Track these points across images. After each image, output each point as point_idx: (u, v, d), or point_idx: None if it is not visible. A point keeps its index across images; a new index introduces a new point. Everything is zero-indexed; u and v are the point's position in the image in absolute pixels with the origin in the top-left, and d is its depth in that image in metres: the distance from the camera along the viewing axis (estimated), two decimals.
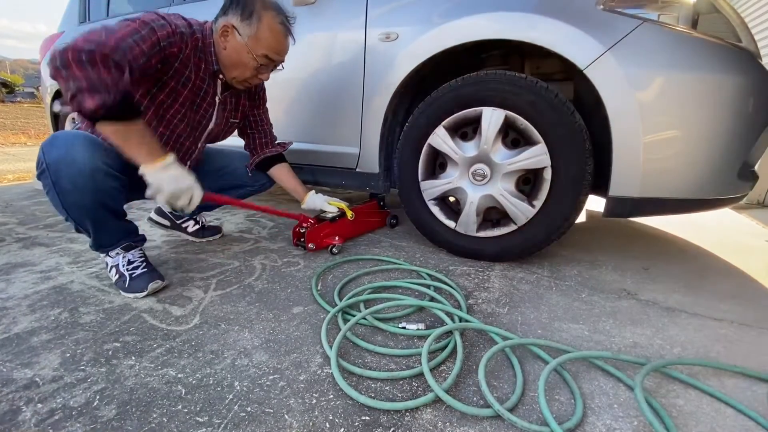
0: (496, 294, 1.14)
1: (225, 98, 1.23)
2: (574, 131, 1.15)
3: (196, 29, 1.06)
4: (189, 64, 1.05)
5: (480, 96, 1.24)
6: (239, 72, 1.12)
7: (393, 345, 0.88)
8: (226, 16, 1.07)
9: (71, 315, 0.97)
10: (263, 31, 1.06)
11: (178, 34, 0.99)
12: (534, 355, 0.85)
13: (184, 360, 0.80)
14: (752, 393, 0.75)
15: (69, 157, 0.93)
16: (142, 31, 0.91)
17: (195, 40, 1.05)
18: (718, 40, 1.07)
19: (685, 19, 1.07)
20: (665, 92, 1.05)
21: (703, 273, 1.39)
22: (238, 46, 1.07)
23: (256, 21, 1.05)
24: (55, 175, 0.94)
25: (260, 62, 1.10)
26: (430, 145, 1.37)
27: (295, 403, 0.69)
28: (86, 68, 0.79)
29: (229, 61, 1.10)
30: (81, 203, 0.98)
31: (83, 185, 0.95)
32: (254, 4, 1.05)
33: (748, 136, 1.11)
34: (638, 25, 1.05)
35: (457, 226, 1.39)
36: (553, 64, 1.48)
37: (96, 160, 0.95)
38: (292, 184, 1.49)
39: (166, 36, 0.96)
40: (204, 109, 1.17)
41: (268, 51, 1.09)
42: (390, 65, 1.40)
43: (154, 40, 0.93)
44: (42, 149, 0.95)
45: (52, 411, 0.66)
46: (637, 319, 1.02)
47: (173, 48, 0.99)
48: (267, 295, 1.10)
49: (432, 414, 0.68)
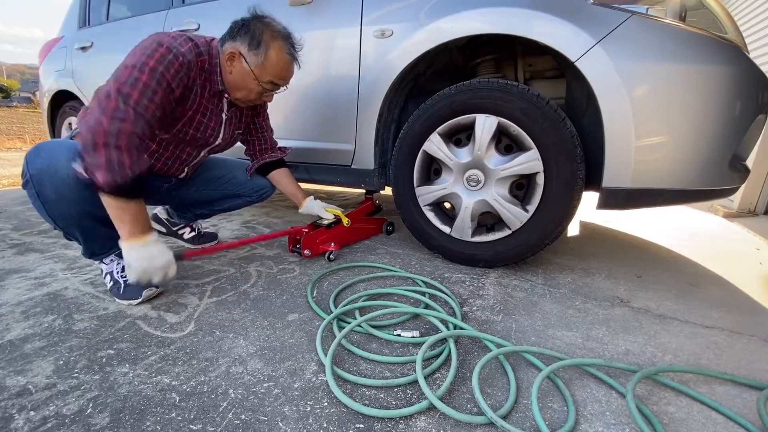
0: (490, 301, 1.15)
1: (231, 114, 1.24)
2: (565, 137, 1.17)
3: (203, 50, 1.05)
4: (195, 87, 1.06)
5: (473, 103, 1.27)
6: (243, 94, 1.14)
7: (388, 352, 0.88)
8: (234, 42, 1.07)
9: (65, 322, 0.96)
10: (270, 61, 1.08)
11: (185, 65, 0.99)
12: (528, 363, 0.86)
13: (179, 367, 0.80)
14: (742, 400, 0.76)
15: (52, 167, 0.92)
16: (152, 83, 0.92)
17: (201, 63, 1.05)
18: (706, 32, 1.10)
19: (673, 13, 1.11)
20: (655, 83, 1.08)
21: (694, 281, 1.41)
22: (244, 72, 1.08)
23: (263, 51, 1.06)
24: (39, 185, 0.93)
25: (266, 88, 1.13)
26: (425, 151, 1.39)
27: (290, 410, 0.69)
28: (111, 152, 0.85)
29: (234, 85, 1.11)
30: (66, 213, 0.97)
31: (67, 195, 0.94)
32: (263, 34, 1.06)
33: (737, 126, 1.13)
34: (627, 17, 1.08)
35: (452, 231, 1.40)
36: (546, 61, 1.52)
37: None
38: (291, 189, 1.49)
39: (174, 75, 0.96)
40: (212, 128, 1.18)
41: (274, 78, 1.11)
42: (385, 61, 1.42)
43: (165, 88, 0.95)
44: (26, 159, 0.94)
45: (45, 419, 0.65)
46: (630, 327, 1.03)
47: (183, 80, 1.00)
48: (262, 302, 1.10)
49: (426, 421, 0.68)
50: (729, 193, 1.25)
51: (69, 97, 2.65)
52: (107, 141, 0.85)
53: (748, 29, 3.25)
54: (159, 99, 0.94)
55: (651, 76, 1.08)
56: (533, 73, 1.58)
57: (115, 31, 2.31)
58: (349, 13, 1.49)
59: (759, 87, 1.14)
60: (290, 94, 1.67)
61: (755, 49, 3.10)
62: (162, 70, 0.93)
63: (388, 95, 1.45)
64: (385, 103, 1.47)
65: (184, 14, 1.94)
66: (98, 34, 2.42)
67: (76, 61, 2.48)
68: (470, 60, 1.58)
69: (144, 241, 0.94)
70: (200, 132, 1.15)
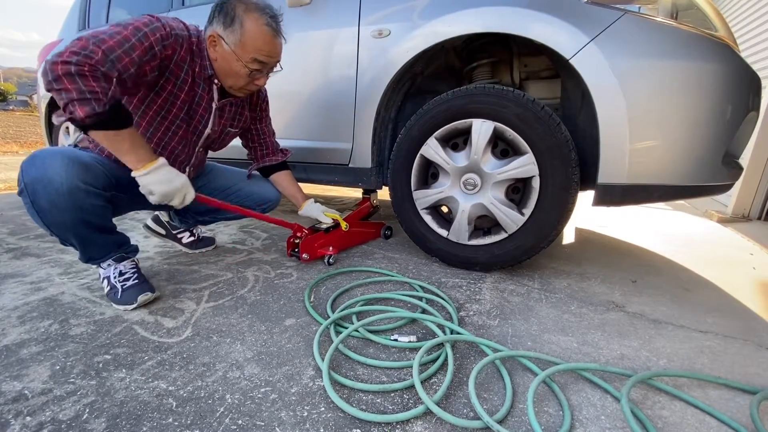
0: (487, 306, 1.15)
1: (223, 105, 1.22)
2: (560, 141, 1.19)
3: (193, 33, 1.06)
4: (184, 66, 1.04)
5: (470, 108, 1.28)
6: (234, 80, 1.11)
7: (385, 357, 0.88)
8: (212, 26, 1.05)
9: (61, 327, 0.96)
10: (248, 36, 1.03)
11: (173, 35, 0.98)
12: (524, 367, 0.86)
13: (176, 372, 0.80)
14: (735, 404, 0.77)
15: (46, 177, 0.92)
16: (132, 38, 0.90)
17: (191, 43, 1.05)
18: (697, 30, 1.12)
19: (665, 12, 1.13)
20: (649, 80, 1.10)
21: (689, 286, 1.42)
22: (227, 55, 1.05)
23: (239, 27, 1.02)
24: (33, 194, 0.93)
25: (252, 68, 1.07)
26: (422, 155, 1.40)
27: (287, 415, 0.69)
28: (75, 80, 0.81)
29: (221, 71, 1.10)
30: (61, 222, 0.97)
31: (62, 205, 0.94)
32: (235, 9, 1.02)
33: (728, 123, 1.15)
34: (620, 16, 1.10)
35: (449, 234, 1.41)
36: (541, 62, 1.54)
37: (73, 178, 0.93)
38: (292, 191, 1.50)
39: (159, 39, 0.95)
40: (200, 114, 1.16)
41: (257, 54, 1.05)
42: (382, 61, 1.44)
43: (146, 46, 0.92)
44: (21, 168, 0.94)
45: (41, 424, 0.65)
46: (625, 331, 1.04)
47: (167, 50, 0.98)
48: (260, 307, 1.10)
49: (422, 426, 0.68)
50: (723, 190, 1.26)
51: None
52: (68, 70, 0.80)
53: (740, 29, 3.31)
54: (137, 55, 0.90)
55: (644, 73, 1.10)
56: (529, 73, 1.60)
57: None
58: (347, 13, 1.51)
59: (749, 84, 1.17)
60: (288, 94, 1.70)
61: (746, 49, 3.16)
62: (147, 31, 0.93)
63: (385, 94, 1.47)
64: (382, 103, 1.49)
65: (184, 16, 1.94)
66: None
67: None
68: (467, 63, 1.60)
69: (156, 165, 0.94)
70: (189, 115, 1.13)
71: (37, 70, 2.89)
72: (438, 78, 1.66)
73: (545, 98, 1.55)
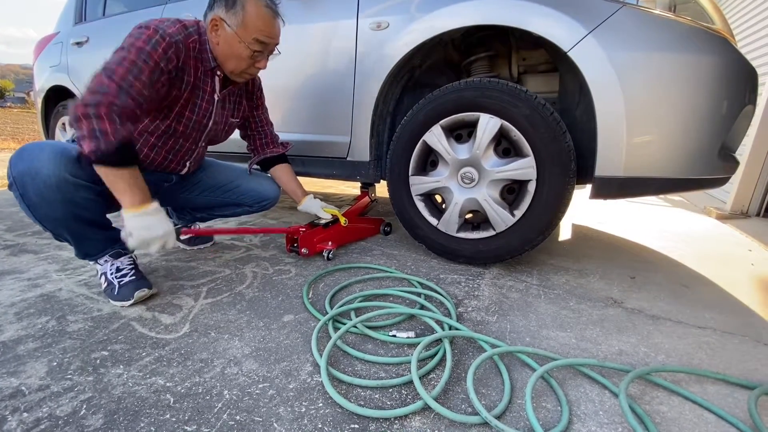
0: (485, 302, 1.15)
1: (224, 96, 1.23)
2: (563, 150, 1.18)
3: (191, 31, 1.06)
4: (187, 68, 1.07)
5: (480, 102, 1.27)
6: (235, 64, 1.12)
7: (383, 353, 0.88)
8: (213, 10, 1.07)
9: (59, 323, 0.96)
10: (250, 17, 1.06)
11: (173, 45, 1.00)
12: (522, 363, 0.86)
13: (173, 368, 0.80)
14: (733, 399, 0.77)
15: (33, 169, 0.92)
16: (138, 61, 0.93)
17: (191, 43, 1.06)
18: (694, 23, 1.12)
19: (663, 4, 1.13)
20: (647, 73, 1.09)
21: (687, 282, 1.42)
22: (229, 37, 1.07)
23: (240, 9, 1.05)
24: (22, 188, 0.93)
25: (254, 49, 1.09)
26: (424, 141, 1.40)
27: (285, 411, 0.69)
28: (91, 121, 0.87)
29: (223, 55, 1.11)
30: (52, 216, 0.97)
31: (51, 197, 0.94)
32: None
33: (725, 116, 1.15)
34: (619, 8, 1.10)
35: (439, 224, 1.42)
36: (540, 55, 1.53)
37: (61, 171, 0.94)
38: (292, 186, 1.49)
39: (162, 54, 0.97)
40: (204, 108, 1.17)
41: (259, 35, 1.08)
42: (381, 53, 1.43)
43: (152, 66, 0.95)
44: (9, 161, 0.95)
45: (38, 420, 0.65)
46: (623, 327, 1.04)
47: (172, 62, 1.00)
48: (258, 303, 1.10)
49: (421, 422, 0.68)
50: (719, 183, 1.26)
51: (63, 96, 2.63)
52: (87, 112, 0.87)
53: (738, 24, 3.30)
54: (146, 77, 0.94)
55: (642, 66, 1.09)
56: (527, 67, 1.59)
57: (112, 27, 2.30)
58: (346, 5, 1.50)
59: (746, 78, 1.16)
60: (286, 87, 1.69)
61: (745, 46, 3.15)
62: (149, 49, 0.95)
63: (383, 87, 1.46)
64: (380, 96, 1.48)
65: (182, 8, 1.94)
66: (94, 29, 2.40)
67: (72, 57, 2.46)
68: (466, 56, 1.59)
69: (142, 211, 0.94)
70: (195, 114, 1.15)
71: (33, 64, 2.87)
72: (436, 71, 1.65)
73: (543, 92, 1.54)
